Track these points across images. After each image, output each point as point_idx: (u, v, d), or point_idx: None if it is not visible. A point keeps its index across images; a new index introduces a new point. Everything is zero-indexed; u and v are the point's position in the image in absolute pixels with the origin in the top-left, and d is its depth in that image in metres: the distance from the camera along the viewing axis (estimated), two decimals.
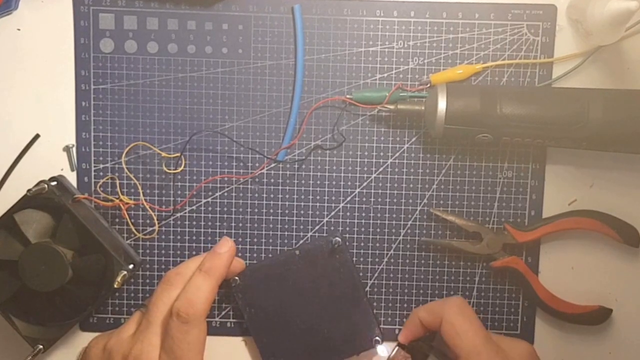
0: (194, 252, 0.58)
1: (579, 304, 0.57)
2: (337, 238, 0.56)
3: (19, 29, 0.57)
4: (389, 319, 0.59)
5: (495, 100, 0.52)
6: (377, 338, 0.57)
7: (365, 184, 0.58)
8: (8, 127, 0.58)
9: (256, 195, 0.58)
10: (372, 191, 0.58)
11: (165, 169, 0.57)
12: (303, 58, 0.57)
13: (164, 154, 0.57)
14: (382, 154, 0.58)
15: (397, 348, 0.57)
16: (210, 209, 0.58)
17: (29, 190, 0.54)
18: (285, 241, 0.58)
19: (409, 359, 0.55)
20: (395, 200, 0.58)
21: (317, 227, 0.58)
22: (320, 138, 0.58)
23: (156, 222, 0.58)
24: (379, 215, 0.58)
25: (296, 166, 0.58)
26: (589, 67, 0.56)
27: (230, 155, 0.58)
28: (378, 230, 0.58)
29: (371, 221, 0.58)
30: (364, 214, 0.58)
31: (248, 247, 0.59)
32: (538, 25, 0.56)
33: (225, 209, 0.58)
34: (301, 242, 0.58)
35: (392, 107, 0.55)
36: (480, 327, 0.52)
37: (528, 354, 0.53)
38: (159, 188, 0.58)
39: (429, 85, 0.57)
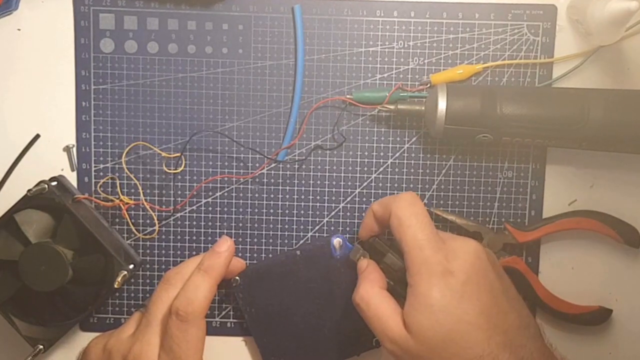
0: (194, 252, 0.58)
1: (579, 304, 0.57)
2: (338, 238, 0.56)
3: (19, 29, 0.57)
4: None
5: (495, 100, 0.52)
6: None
7: (365, 184, 0.58)
8: (8, 127, 0.58)
9: (256, 195, 0.58)
10: (372, 191, 0.58)
11: (165, 169, 0.57)
12: (303, 58, 0.57)
13: (164, 154, 0.57)
14: (382, 154, 0.58)
15: (355, 244, 0.55)
16: (210, 209, 0.58)
17: (29, 190, 0.54)
18: (285, 241, 0.58)
19: (366, 255, 0.54)
20: None
21: (317, 227, 0.58)
22: (320, 138, 0.58)
23: (156, 222, 0.58)
24: None
25: (296, 166, 0.58)
26: (589, 67, 0.57)
27: (230, 155, 0.58)
28: None
29: None
30: (364, 214, 0.58)
31: (248, 247, 0.59)
32: (538, 25, 0.56)
33: (225, 209, 0.58)
34: (301, 242, 0.58)
35: (392, 107, 0.55)
36: (427, 223, 0.49)
37: (474, 252, 0.48)
38: (159, 188, 0.58)
39: (429, 85, 0.57)
